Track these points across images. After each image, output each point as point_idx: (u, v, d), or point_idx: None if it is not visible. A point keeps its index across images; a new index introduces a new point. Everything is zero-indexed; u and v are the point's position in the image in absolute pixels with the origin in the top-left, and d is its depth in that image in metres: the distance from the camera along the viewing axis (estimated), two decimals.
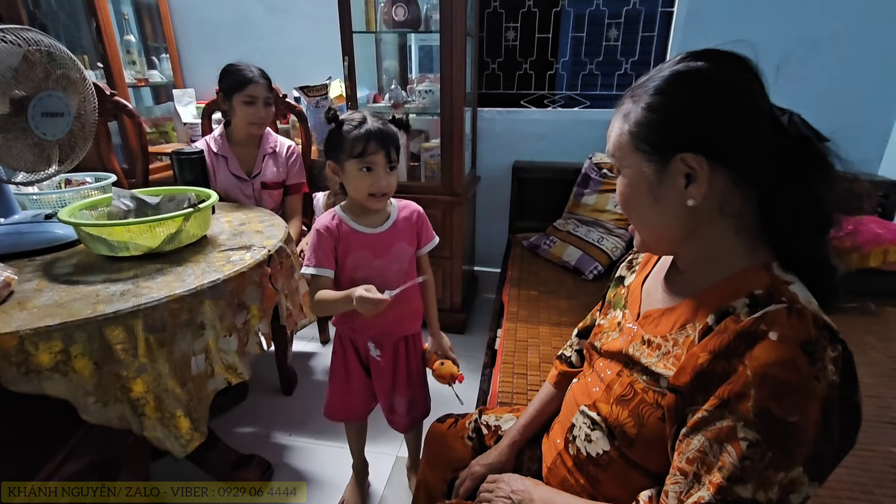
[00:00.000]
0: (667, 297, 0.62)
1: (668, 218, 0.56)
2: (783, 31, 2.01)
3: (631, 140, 0.55)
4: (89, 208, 1.16)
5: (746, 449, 0.45)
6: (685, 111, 0.52)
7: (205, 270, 1.00)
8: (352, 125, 0.98)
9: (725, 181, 0.52)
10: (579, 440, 0.67)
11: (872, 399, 1.19)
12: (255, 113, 1.62)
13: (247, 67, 1.60)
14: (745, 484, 0.45)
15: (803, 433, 0.44)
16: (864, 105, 2.07)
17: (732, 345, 0.48)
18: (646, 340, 0.60)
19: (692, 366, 0.51)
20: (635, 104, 0.55)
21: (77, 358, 0.80)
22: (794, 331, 0.46)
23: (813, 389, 0.44)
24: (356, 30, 1.82)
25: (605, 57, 2.29)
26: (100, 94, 1.60)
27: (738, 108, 0.51)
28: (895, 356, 1.38)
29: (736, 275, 0.54)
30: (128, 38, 2.28)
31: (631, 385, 0.60)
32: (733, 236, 0.55)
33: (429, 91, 1.93)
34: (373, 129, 0.96)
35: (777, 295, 0.49)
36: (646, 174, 0.55)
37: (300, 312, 1.28)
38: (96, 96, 1.22)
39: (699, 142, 0.51)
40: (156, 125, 2.44)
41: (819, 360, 0.45)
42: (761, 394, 0.45)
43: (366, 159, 0.97)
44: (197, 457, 1.27)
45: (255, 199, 1.72)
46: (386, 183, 1.00)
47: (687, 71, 0.52)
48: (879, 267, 1.76)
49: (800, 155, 0.51)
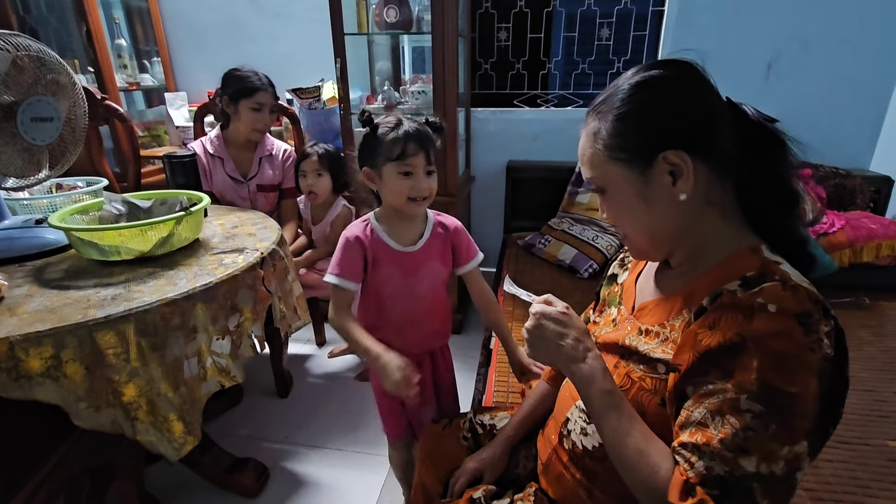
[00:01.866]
0: (661, 289, 0.64)
1: (662, 217, 0.58)
2: (774, 29, 2.02)
3: (607, 154, 0.58)
4: (80, 213, 1.15)
5: (750, 420, 0.46)
6: (657, 113, 0.55)
7: (197, 274, 0.99)
8: (388, 127, 0.92)
9: (706, 171, 0.55)
10: (574, 434, 0.67)
11: (868, 393, 1.19)
12: (261, 119, 1.65)
13: (254, 74, 1.63)
14: (749, 456, 0.45)
15: (804, 405, 0.45)
16: (854, 102, 2.08)
17: (730, 319, 0.49)
18: (643, 331, 0.61)
19: (690, 343, 0.52)
20: (601, 121, 0.58)
21: (68, 363, 0.80)
22: (790, 303, 0.47)
23: (809, 361, 0.46)
24: (348, 31, 1.82)
25: (598, 56, 2.30)
26: (90, 98, 1.59)
27: (702, 101, 0.55)
28: (889, 350, 1.38)
29: (726, 260, 0.56)
30: (119, 41, 2.27)
31: (628, 375, 0.60)
32: (721, 223, 0.57)
33: (422, 92, 1.93)
34: (411, 131, 0.91)
35: (769, 274, 0.51)
36: (631, 181, 0.57)
37: (294, 314, 1.27)
38: (87, 101, 1.22)
39: (676, 138, 0.54)
40: (148, 129, 2.43)
41: (814, 332, 0.46)
42: (762, 365, 0.46)
43: (405, 162, 0.90)
44: (192, 461, 1.26)
45: (250, 200, 1.73)
46: (426, 186, 0.93)
47: (648, 78, 0.56)
48: (873, 261, 1.77)
49: (761, 138, 0.56)
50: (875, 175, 2.06)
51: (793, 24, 2.01)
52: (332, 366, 1.91)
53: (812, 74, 2.05)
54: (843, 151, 2.10)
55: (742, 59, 2.05)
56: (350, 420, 1.61)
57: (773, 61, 2.07)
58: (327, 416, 1.62)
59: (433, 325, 1.07)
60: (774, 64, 2.07)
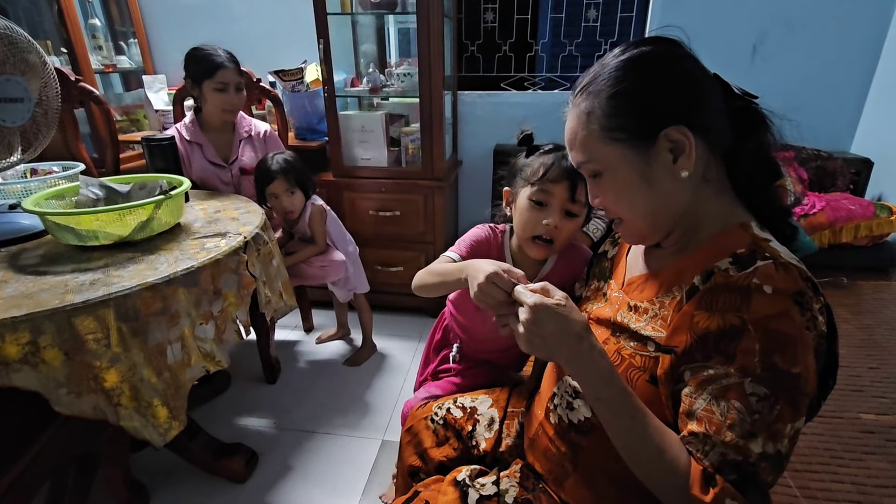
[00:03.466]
0: (650, 264, 0.63)
1: (664, 198, 0.57)
2: (759, 10, 2.03)
3: (603, 135, 0.55)
4: (56, 197, 1.12)
5: (755, 403, 0.46)
6: (655, 89, 0.54)
7: (178, 258, 0.97)
8: (545, 150, 0.83)
9: (703, 147, 0.55)
10: (560, 409, 0.67)
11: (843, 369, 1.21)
12: (227, 100, 1.57)
13: (214, 51, 1.54)
14: (756, 438, 0.46)
15: (806, 383, 0.47)
16: (836, 84, 2.10)
17: (727, 300, 0.49)
18: (632, 306, 0.61)
19: (687, 325, 0.52)
20: (594, 100, 0.55)
21: (46, 349, 0.78)
22: (785, 283, 0.48)
23: (806, 339, 0.47)
24: (331, 11, 1.78)
25: (585, 38, 2.28)
26: (64, 79, 1.54)
27: (697, 76, 0.55)
28: (865, 328, 1.43)
29: (716, 236, 0.56)
30: (93, 21, 2.19)
31: (618, 352, 0.60)
32: (716, 200, 0.58)
33: (407, 74, 1.90)
34: (563, 158, 0.78)
35: (760, 252, 0.51)
36: (631, 162, 0.55)
37: (280, 300, 1.26)
38: (60, 82, 1.18)
39: (676, 112, 0.53)
40: (126, 113, 2.37)
41: (808, 309, 0.48)
42: (766, 348, 0.47)
43: (542, 187, 0.79)
44: (179, 447, 1.25)
45: (233, 185, 1.69)
46: (556, 225, 0.80)
47: (640, 55, 0.55)
48: (851, 242, 1.82)
49: (747, 113, 0.56)
50: (855, 157, 2.09)
51: (777, 6, 2.01)
52: (321, 352, 1.91)
53: (796, 57, 2.07)
54: (825, 134, 2.13)
55: (728, 41, 2.05)
56: (339, 404, 1.61)
57: (758, 43, 2.07)
58: (316, 402, 1.63)
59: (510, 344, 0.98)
60: (759, 46, 2.08)
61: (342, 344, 1.94)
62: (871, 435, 1.00)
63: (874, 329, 1.41)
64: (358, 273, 1.79)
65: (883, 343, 1.33)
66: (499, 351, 1.04)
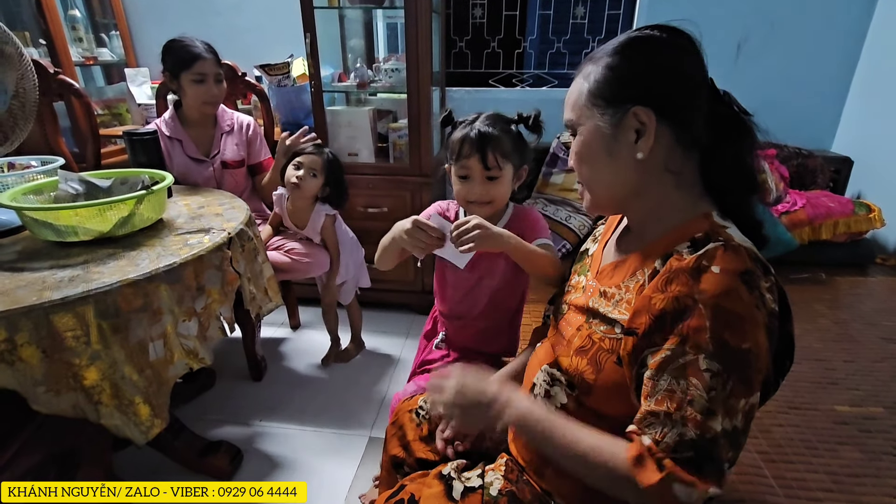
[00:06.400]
0: (620, 251, 0.67)
1: (620, 172, 0.60)
2: (744, 9, 2.05)
3: (588, 97, 0.59)
4: (34, 192, 1.10)
5: (710, 379, 0.48)
6: (639, 68, 0.57)
7: (160, 254, 0.96)
8: (461, 125, 0.91)
9: (669, 138, 0.57)
10: (539, 398, 0.69)
11: (819, 362, 1.26)
12: (206, 91, 1.53)
13: (191, 42, 1.50)
14: (716, 415, 0.48)
15: (758, 359, 0.48)
16: (818, 84, 2.14)
17: (680, 281, 0.52)
18: (602, 292, 0.64)
19: (646, 307, 0.54)
20: (595, 65, 0.59)
21: (23, 346, 0.77)
22: (733, 263, 0.50)
23: (755, 317, 0.49)
24: (318, 5, 1.76)
25: (573, 35, 2.29)
26: (42, 72, 1.51)
27: (684, 70, 0.57)
28: (841, 322, 1.46)
29: (680, 226, 0.58)
30: (72, 13, 2.14)
31: (589, 336, 0.63)
32: (674, 191, 0.60)
33: (395, 70, 1.89)
34: (471, 133, 0.88)
35: (714, 236, 0.54)
36: (601, 129, 0.59)
37: (265, 296, 1.26)
38: (37, 74, 1.15)
39: (649, 96, 0.56)
40: (108, 107, 2.32)
41: (756, 288, 0.49)
42: (715, 324, 0.48)
43: (460, 164, 0.89)
44: (163, 445, 1.24)
45: (215, 180, 1.66)
46: (481, 191, 0.90)
47: (644, 36, 0.58)
48: (830, 239, 1.85)
49: (732, 123, 0.58)
50: (835, 156, 2.13)
51: (762, 6, 2.04)
52: (307, 349, 1.90)
53: (779, 56, 2.10)
54: (806, 132, 2.16)
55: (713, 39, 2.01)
56: (325, 401, 1.61)
57: (742, 42, 2.10)
58: (302, 399, 1.62)
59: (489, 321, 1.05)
60: (744, 45, 2.10)
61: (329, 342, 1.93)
62: (844, 426, 1.02)
63: (850, 324, 1.44)
64: (362, 272, 1.79)
65: (858, 337, 1.37)
66: (475, 320, 1.06)
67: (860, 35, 2.06)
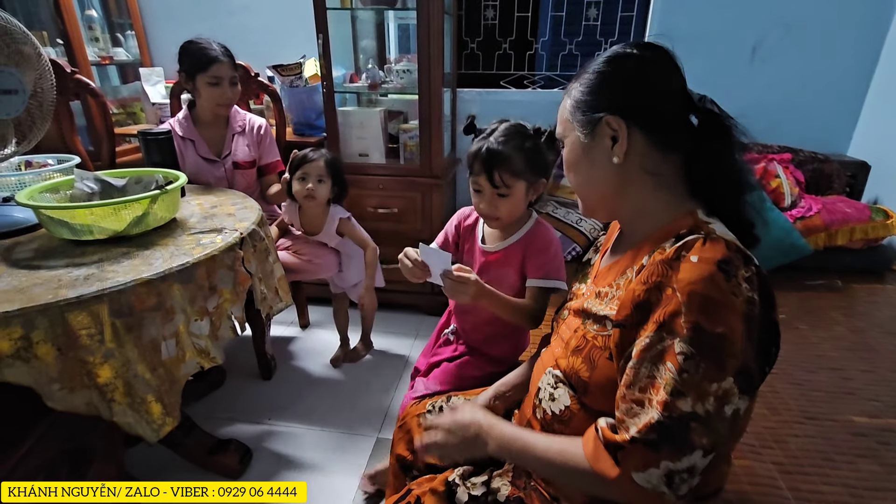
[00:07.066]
0: (613, 256, 0.70)
1: (600, 176, 0.65)
2: (759, 12, 2.02)
3: (570, 112, 0.65)
4: (50, 191, 1.11)
5: (683, 362, 0.49)
6: (609, 82, 0.62)
7: (174, 254, 0.97)
8: (477, 139, 0.95)
9: (643, 143, 0.61)
10: (545, 402, 0.69)
11: (835, 371, 1.23)
12: (221, 94, 1.56)
13: (208, 45, 1.52)
14: (686, 397, 0.49)
15: (731, 345, 0.49)
16: (834, 87, 2.10)
17: (659, 271, 0.54)
18: (597, 293, 0.67)
19: (630, 298, 0.56)
20: (576, 82, 0.65)
21: (39, 344, 0.78)
22: (711, 252, 0.52)
23: (732, 304, 0.50)
24: (330, 6, 1.77)
25: (585, 37, 2.28)
26: (59, 71, 1.53)
27: (650, 80, 0.61)
28: (858, 331, 1.43)
29: (667, 224, 0.61)
30: (89, 13, 2.17)
31: (584, 336, 0.65)
32: (656, 192, 0.63)
33: (406, 71, 1.89)
34: (482, 149, 0.90)
35: (697, 230, 0.56)
36: (580, 139, 0.64)
37: (276, 296, 1.26)
38: (55, 74, 1.17)
39: (618, 106, 0.61)
40: (123, 106, 2.35)
41: (733, 276, 0.50)
42: (690, 309, 0.50)
43: (474, 179, 0.94)
44: (173, 442, 1.25)
45: (227, 180, 1.68)
46: (491, 207, 0.93)
47: (616, 54, 0.63)
48: (846, 245, 1.82)
49: (709, 127, 0.60)
50: (852, 160, 2.10)
51: (777, 8, 2.01)
52: (317, 349, 1.91)
53: (794, 59, 2.07)
54: (822, 136, 2.13)
55: (727, 43, 2.05)
56: (334, 402, 1.61)
57: (757, 45, 2.07)
58: (311, 398, 1.63)
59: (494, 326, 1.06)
60: (759, 48, 2.07)
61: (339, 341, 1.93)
62: (862, 438, 1.00)
63: (867, 332, 1.41)
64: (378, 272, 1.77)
65: (875, 346, 1.34)
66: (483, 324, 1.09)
67: (879, 37, 2.02)
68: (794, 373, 1.23)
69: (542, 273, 0.97)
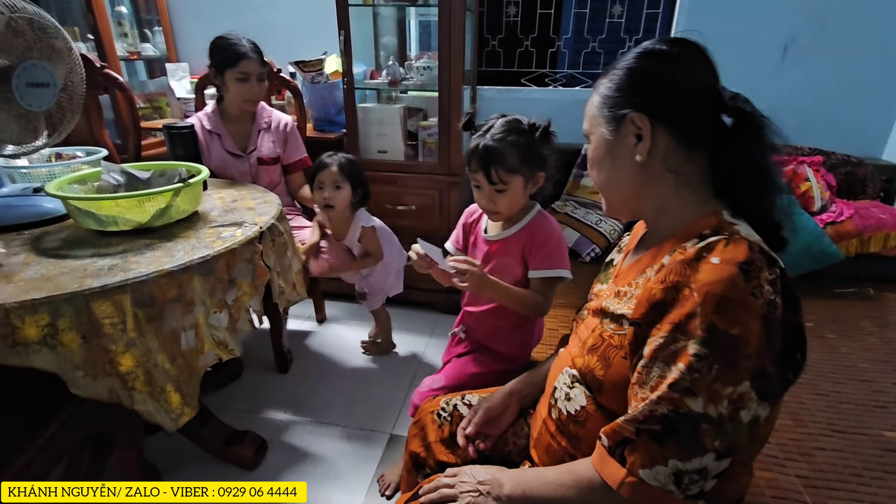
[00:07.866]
0: (635, 255, 0.69)
1: (624, 175, 0.63)
2: (791, 8, 1.96)
3: (597, 109, 0.64)
4: (78, 182, 1.14)
5: (695, 362, 0.48)
6: (636, 79, 0.61)
7: (195, 246, 0.98)
8: (479, 130, 0.96)
9: (668, 141, 0.60)
10: (560, 401, 0.69)
11: (866, 383, 1.19)
12: (248, 90, 1.58)
13: (238, 41, 1.55)
14: (696, 397, 0.48)
15: (746, 346, 0.47)
16: (870, 88, 2.02)
17: (678, 271, 0.52)
18: (616, 293, 0.65)
19: (647, 297, 0.54)
20: (605, 78, 0.64)
21: (64, 331, 0.80)
22: (734, 253, 0.50)
23: (751, 305, 0.48)
24: (352, 2, 1.77)
25: (609, 34, 2.24)
26: (89, 66, 1.56)
27: (676, 77, 0.59)
28: (891, 341, 1.37)
29: (690, 224, 0.59)
30: (119, 9, 2.22)
31: (601, 335, 0.64)
32: (679, 191, 0.61)
33: (427, 68, 1.89)
34: (479, 146, 0.92)
35: (721, 231, 0.55)
36: (605, 136, 0.63)
37: (293, 290, 1.27)
38: (85, 69, 1.19)
39: (643, 104, 0.59)
40: (149, 100, 2.40)
41: (755, 278, 0.49)
42: (706, 310, 0.48)
43: (472, 176, 0.95)
44: (191, 432, 1.27)
45: (251, 175, 1.70)
46: (489, 202, 0.96)
47: (645, 50, 0.62)
48: (880, 252, 1.75)
49: (738, 127, 0.58)
50: (887, 164, 2.02)
51: (813, 4, 1.94)
52: (333, 343, 1.92)
53: (828, 58, 1.99)
54: (855, 139, 2.05)
55: (757, 41, 1.99)
56: (349, 397, 1.62)
57: (788, 43, 2.00)
58: (326, 393, 1.64)
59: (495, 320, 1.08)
60: (790, 46, 2.00)
61: (355, 336, 1.94)
62: (894, 453, 0.96)
63: None
64: (398, 280, 1.78)
65: None
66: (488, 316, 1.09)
67: None
68: (820, 383, 1.19)
69: (544, 263, 0.98)
